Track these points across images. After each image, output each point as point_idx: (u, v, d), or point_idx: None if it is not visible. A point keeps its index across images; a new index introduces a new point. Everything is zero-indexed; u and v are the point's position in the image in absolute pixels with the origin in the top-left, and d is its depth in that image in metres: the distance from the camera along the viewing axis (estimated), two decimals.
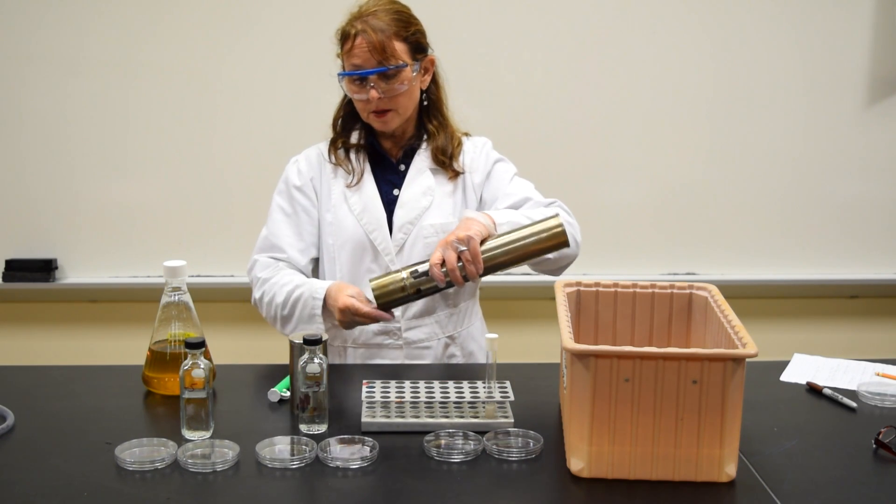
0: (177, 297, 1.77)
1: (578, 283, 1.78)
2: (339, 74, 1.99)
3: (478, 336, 2.15)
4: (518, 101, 2.96)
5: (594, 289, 1.78)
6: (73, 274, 3.04)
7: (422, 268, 1.81)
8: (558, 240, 1.81)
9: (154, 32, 2.90)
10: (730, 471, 1.43)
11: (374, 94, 1.94)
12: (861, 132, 3.04)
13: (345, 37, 1.97)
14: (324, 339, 1.60)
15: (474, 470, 1.48)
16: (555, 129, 3.00)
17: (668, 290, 1.77)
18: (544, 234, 1.81)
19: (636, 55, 2.98)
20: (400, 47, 1.94)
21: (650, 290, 1.77)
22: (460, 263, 1.78)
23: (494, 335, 1.66)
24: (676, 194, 3.07)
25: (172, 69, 2.92)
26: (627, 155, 3.04)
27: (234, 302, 3.14)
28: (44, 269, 3.00)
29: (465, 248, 1.78)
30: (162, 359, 1.78)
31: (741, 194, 3.08)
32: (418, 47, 1.99)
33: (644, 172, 3.05)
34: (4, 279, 3.01)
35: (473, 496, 1.41)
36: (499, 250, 1.81)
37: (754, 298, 3.18)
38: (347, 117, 2.09)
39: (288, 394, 1.75)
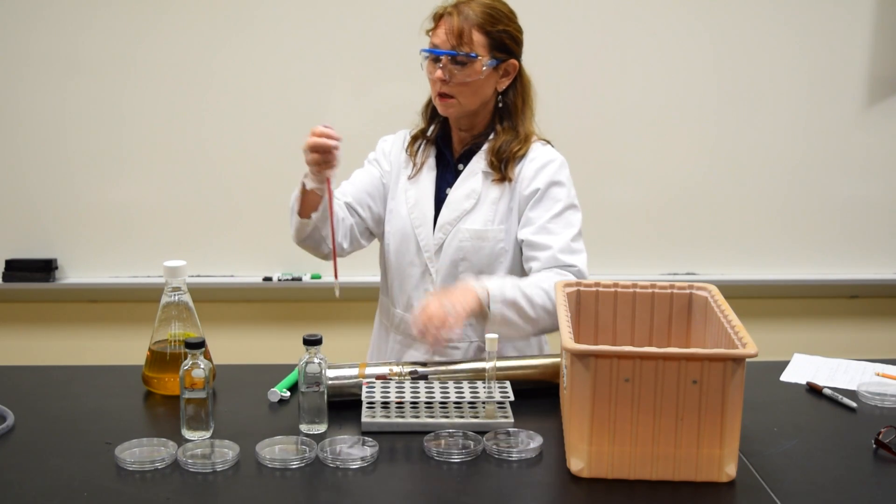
0: (177, 297, 1.77)
1: (578, 283, 1.78)
2: (420, 51, 1.99)
3: (519, 343, 2.08)
4: None
5: (594, 289, 1.77)
6: (73, 274, 3.04)
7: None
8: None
9: (154, 32, 2.90)
10: (730, 471, 1.43)
11: (439, 73, 1.94)
12: (861, 132, 3.05)
13: (435, 17, 1.99)
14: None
15: (474, 470, 1.48)
16: (555, 129, 2.99)
17: (668, 290, 1.77)
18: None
19: (636, 55, 2.98)
20: (479, 39, 1.94)
21: (650, 290, 1.77)
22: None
23: (494, 335, 1.66)
24: (677, 194, 3.07)
25: (172, 69, 2.92)
26: (628, 155, 3.04)
27: (234, 302, 3.14)
28: (44, 269, 3.00)
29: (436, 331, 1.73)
30: (162, 359, 1.78)
31: (741, 194, 3.08)
32: (501, 46, 1.97)
33: (644, 173, 3.05)
34: (4, 279, 3.01)
35: (473, 496, 1.41)
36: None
37: (754, 298, 3.18)
38: (432, 105, 2.08)
39: (288, 394, 1.75)
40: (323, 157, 1.82)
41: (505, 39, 1.98)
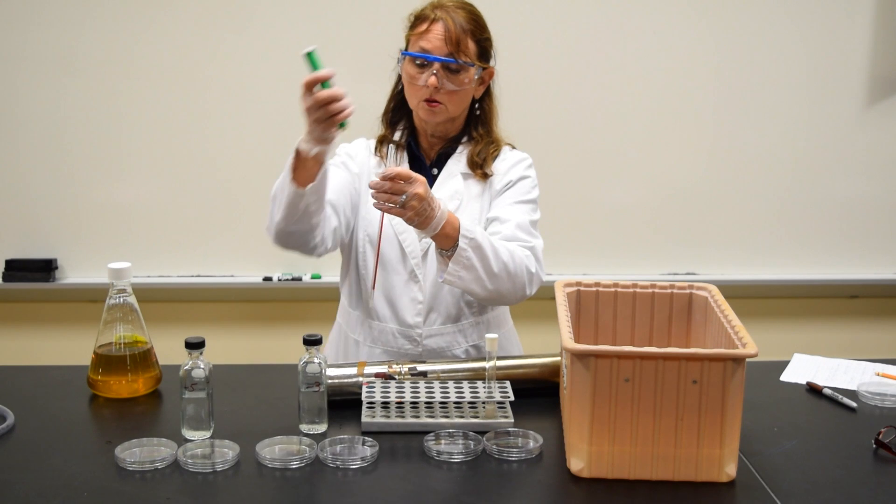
0: (122, 300, 1.77)
1: (578, 283, 1.78)
2: (402, 53, 1.95)
3: (506, 345, 2.08)
4: (519, 101, 2.95)
5: (594, 289, 1.78)
6: (73, 274, 3.04)
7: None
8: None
9: (153, 31, 2.90)
10: (730, 471, 1.43)
11: (433, 80, 1.89)
12: (861, 132, 3.05)
13: (421, 19, 1.94)
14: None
15: (474, 470, 1.48)
16: (555, 129, 3.00)
17: (668, 290, 1.77)
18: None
19: (636, 54, 2.98)
20: (472, 47, 1.92)
21: (650, 290, 1.77)
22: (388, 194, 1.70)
23: (494, 335, 1.66)
24: (677, 194, 3.07)
25: (172, 69, 2.92)
26: (628, 155, 3.04)
27: (234, 302, 3.14)
28: (44, 269, 3.00)
29: (403, 198, 1.69)
30: (107, 362, 1.76)
31: (741, 194, 3.08)
32: (484, 54, 1.97)
33: (644, 172, 3.05)
34: (4, 279, 3.01)
35: (473, 496, 1.41)
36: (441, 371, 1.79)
37: (754, 298, 3.18)
38: (395, 111, 2.05)
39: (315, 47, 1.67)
40: (339, 107, 1.66)
41: (488, 47, 1.98)
